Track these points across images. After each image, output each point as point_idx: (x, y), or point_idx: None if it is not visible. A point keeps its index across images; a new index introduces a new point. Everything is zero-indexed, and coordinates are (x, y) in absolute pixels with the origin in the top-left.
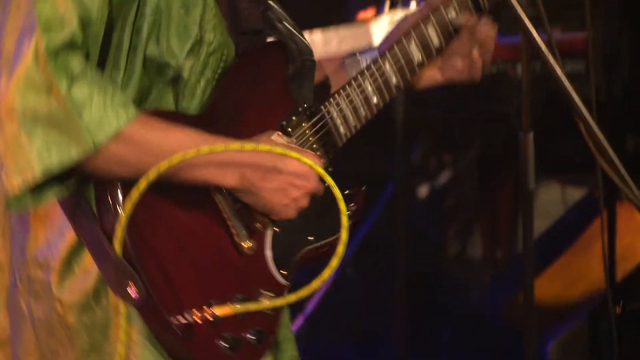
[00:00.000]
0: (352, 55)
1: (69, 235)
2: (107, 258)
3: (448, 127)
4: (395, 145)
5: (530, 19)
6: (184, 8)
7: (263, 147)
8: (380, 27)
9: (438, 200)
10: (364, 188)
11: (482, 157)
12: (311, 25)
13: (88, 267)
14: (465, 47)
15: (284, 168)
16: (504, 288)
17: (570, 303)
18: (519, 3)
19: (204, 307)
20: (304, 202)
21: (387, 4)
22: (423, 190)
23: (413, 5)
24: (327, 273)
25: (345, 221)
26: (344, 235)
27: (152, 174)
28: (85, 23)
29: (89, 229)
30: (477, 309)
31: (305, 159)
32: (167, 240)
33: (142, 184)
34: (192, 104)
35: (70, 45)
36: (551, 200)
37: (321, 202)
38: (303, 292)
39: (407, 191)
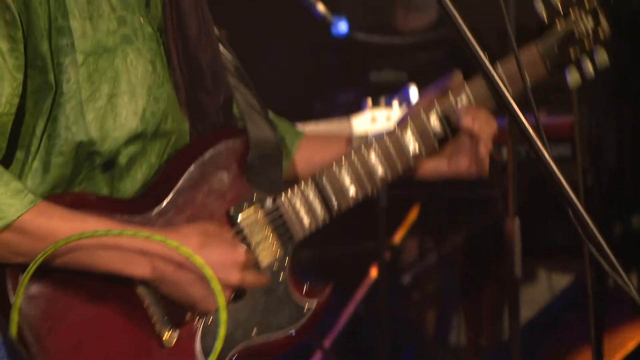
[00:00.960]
0: (363, 135)
1: None
2: (7, 336)
3: (432, 210)
4: (379, 229)
5: (517, 102)
6: (129, 95)
7: (157, 238)
8: (361, 123)
9: (421, 285)
10: (330, 284)
11: (466, 242)
12: (295, 112)
13: None
14: (470, 144)
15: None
16: None
17: None
18: (506, 87)
19: None
20: (227, 294)
21: (369, 101)
22: (406, 275)
23: (395, 105)
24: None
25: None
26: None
27: (39, 259)
28: None
29: None
30: None
31: (196, 258)
32: (77, 331)
33: (32, 269)
34: (131, 187)
35: None
36: (537, 287)
37: (269, 292)
38: None
39: (389, 275)
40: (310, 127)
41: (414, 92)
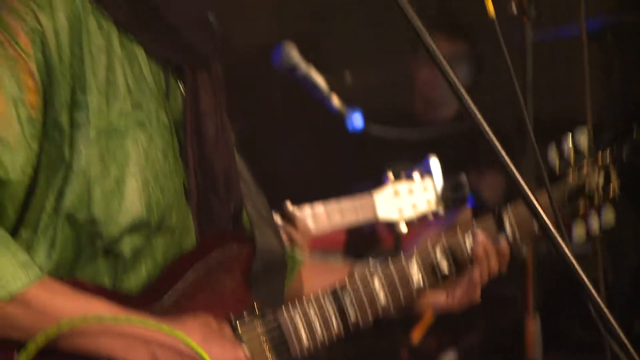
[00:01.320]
0: (366, 260)
1: None
2: None
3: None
4: (395, 327)
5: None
6: (136, 178)
7: (165, 328)
8: (383, 198)
9: None
10: None
11: (485, 341)
12: (311, 198)
13: None
14: (469, 274)
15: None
16: None
17: None
18: (522, 178)
19: None
20: None
21: (391, 175)
22: None
23: (417, 177)
24: None
25: None
26: None
27: (40, 339)
28: (1, 183)
29: None
30: None
31: (202, 352)
32: None
33: (32, 350)
34: (135, 282)
35: None
36: None
37: None
38: None
39: None
40: (332, 206)
41: (434, 163)
